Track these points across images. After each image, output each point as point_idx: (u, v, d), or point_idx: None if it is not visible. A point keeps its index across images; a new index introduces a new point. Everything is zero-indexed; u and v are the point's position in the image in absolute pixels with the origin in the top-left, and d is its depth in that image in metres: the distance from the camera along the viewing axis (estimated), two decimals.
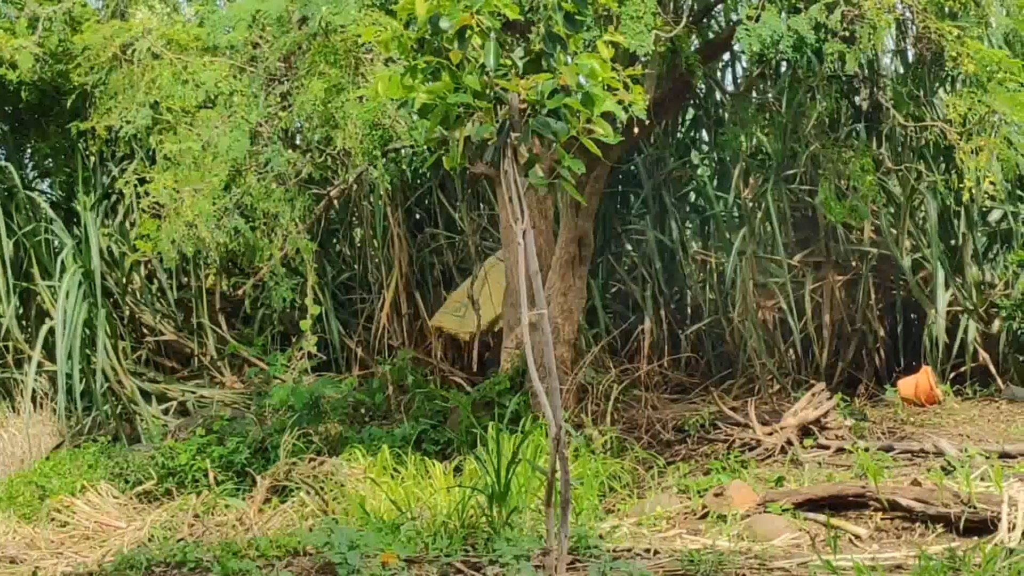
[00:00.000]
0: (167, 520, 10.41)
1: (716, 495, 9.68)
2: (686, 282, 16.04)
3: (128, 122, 11.01)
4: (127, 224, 15.39)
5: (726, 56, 15.65)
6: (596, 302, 15.06)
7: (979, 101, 10.63)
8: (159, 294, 16.43)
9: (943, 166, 14.33)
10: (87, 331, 14.31)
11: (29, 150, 15.81)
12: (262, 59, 10.80)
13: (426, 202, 16.53)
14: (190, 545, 8.93)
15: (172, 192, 10.61)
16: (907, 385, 13.37)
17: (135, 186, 11.85)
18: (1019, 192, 14.70)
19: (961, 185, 11.24)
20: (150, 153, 12.61)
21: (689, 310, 16.08)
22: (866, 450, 10.91)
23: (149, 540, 9.81)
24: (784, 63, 14.02)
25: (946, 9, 10.41)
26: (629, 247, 16.23)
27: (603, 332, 14.82)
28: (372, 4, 10.24)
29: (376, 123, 10.39)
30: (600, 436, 11.38)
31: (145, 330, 16.08)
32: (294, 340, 15.78)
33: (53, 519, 10.72)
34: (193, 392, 15.11)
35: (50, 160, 15.42)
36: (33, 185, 15.96)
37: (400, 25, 6.93)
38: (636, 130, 9.58)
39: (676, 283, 15.91)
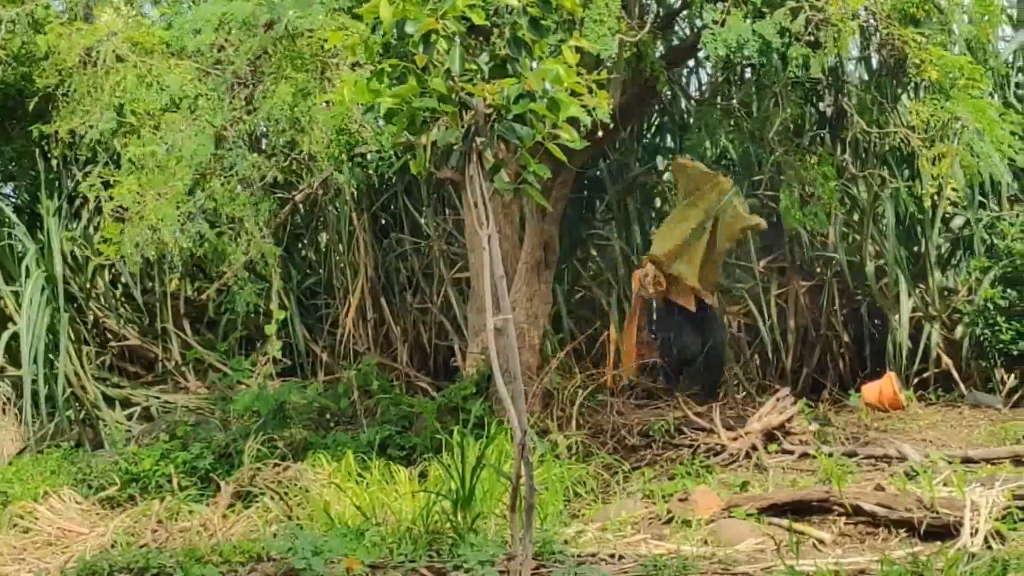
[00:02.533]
0: (130, 526, 10.35)
1: (681, 500, 9.69)
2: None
3: (92, 126, 10.94)
4: (91, 228, 15.30)
5: (691, 63, 15.69)
6: (561, 307, 15.08)
7: (942, 107, 10.68)
8: (123, 299, 16.34)
9: (906, 172, 14.40)
10: (50, 336, 14.23)
11: None
12: (227, 62, 10.76)
13: (392, 207, 16.50)
14: (153, 551, 8.87)
15: (136, 196, 10.55)
16: (871, 390, 13.43)
17: (99, 190, 11.78)
18: (980, 199, 14.79)
19: (923, 191, 11.31)
20: (114, 157, 12.53)
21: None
22: (830, 455, 10.95)
23: (112, 546, 9.75)
24: (749, 69, 14.08)
25: (909, 16, 10.46)
26: (594, 252, 16.24)
27: (568, 337, 14.83)
28: (339, 8, 10.21)
29: (343, 128, 10.36)
30: (565, 441, 11.38)
31: (109, 335, 15.98)
32: (259, 345, 15.73)
33: (15, 525, 10.65)
34: (157, 397, 15.02)
35: (13, 164, 15.29)
36: None
37: (367, 29, 6.92)
38: (601, 134, 9.59)
39: None
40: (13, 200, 15.72)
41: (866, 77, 14.54)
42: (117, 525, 10.34)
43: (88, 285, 15.78)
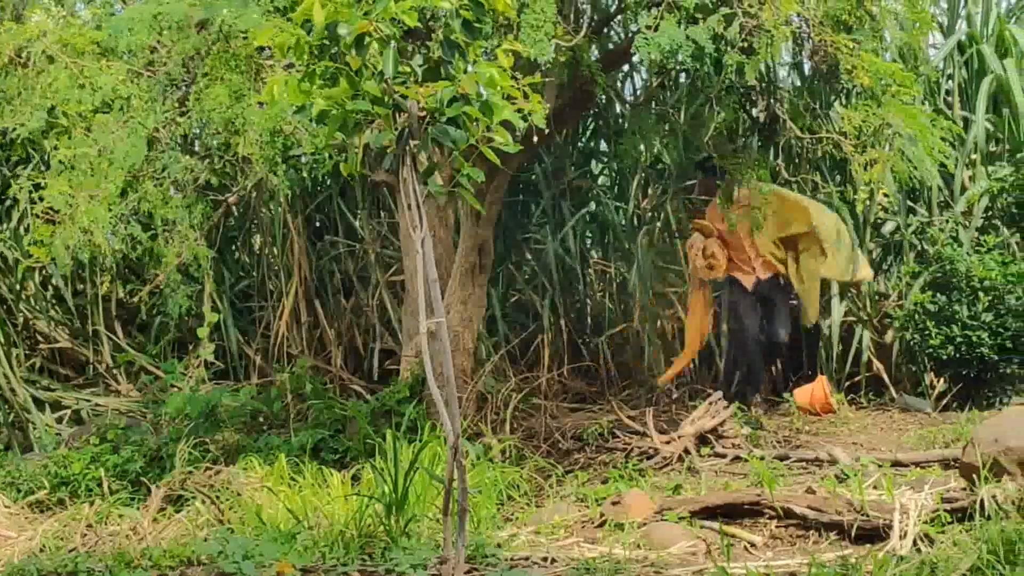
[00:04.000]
0: (59, 530, 10.24)
1: (614, 503, 9.70)
2: (586, 292, 16.10)
3: (22, 124, 10.81)
4: (21, 230, 15.15)
5: (626, 67, 15.75)
6: (496, 311, 15.07)
7: (873, 114, 10.77)
8: (54, 301, 16.19)
9: (838, 178, 14.50)
10: None
11: None
12: (160, 63, 10.67)
13: (326, 209, 16.44)
14: (82, 555, 8.81)
15: (67, 198, 10.44)
16: (803, 394, 13.49)
17: (30, 191, 11.64)
18: (910, 204, 14.91)
19: (855, 197, 11.38)
20: (45, 158, 12.41)
21: (589, 320, 16.13)
22: (762, 459, 11.01)
23: (40, 550, 9.64)
24: (683, 74, 14.13)
25: (842, 22, 10.54)
26: (529, 256, 16.25)
27: (503, 341, 14.83)
28: (274, 8, 10.15)
29: (277, 130, 10.30)
30: (499, 445, 11.38)
31: (39, 337, 15.83)
32: (191, 348, 15.62)
33: None
34: (88, 400, 14.89)
35: None
36: None
37: (301, 30, 6.88)
38: (536, 138, 9.60)
39: (576, 292, 15.95)
40: None
41: (799, 83, 14.63)
42: (46, 529, 10.22)
43: (18, 287, 15.62)
